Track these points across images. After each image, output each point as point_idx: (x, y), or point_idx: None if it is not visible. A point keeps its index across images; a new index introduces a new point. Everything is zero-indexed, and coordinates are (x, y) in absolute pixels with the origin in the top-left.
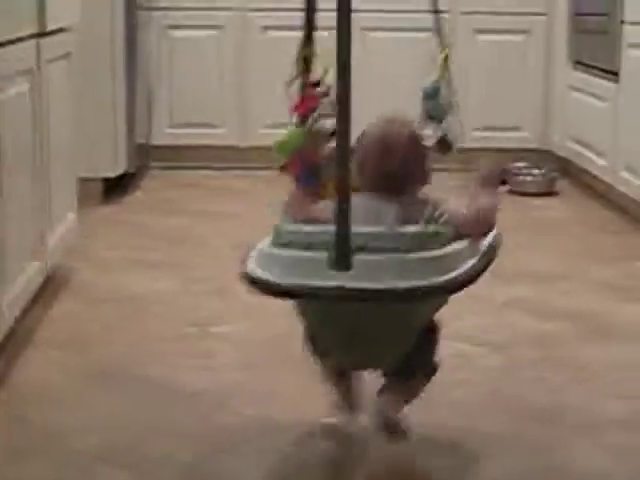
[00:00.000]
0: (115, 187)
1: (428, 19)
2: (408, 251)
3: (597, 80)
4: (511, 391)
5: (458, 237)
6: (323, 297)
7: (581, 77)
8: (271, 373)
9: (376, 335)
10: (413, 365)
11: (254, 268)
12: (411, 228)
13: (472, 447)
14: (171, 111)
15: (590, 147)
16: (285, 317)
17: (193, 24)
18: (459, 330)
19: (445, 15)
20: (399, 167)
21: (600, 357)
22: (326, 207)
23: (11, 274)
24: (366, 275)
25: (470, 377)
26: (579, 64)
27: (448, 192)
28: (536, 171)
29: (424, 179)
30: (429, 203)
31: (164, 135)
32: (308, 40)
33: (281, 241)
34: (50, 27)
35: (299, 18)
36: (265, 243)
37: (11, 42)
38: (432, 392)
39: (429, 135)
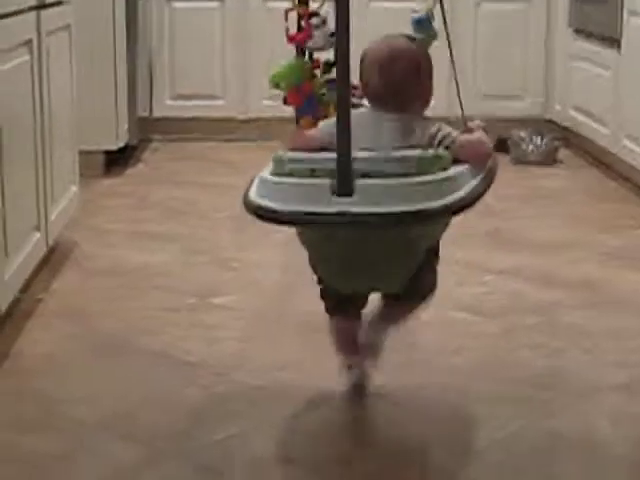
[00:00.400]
0: (117, 160)
1: None
2: (410, 175)
3: (598, 48)
4: (509, 358)
5: (456, 161)
6: (326, 223)
7: (582, 45)
8: (272, 344)
9: (381, 259)
10: (416, 287)
11: (257, 197)
12: (412, 152)
13: (470, 412)
14: (172, 83)
15: (592, 116)
16: (286, 289)
17: None
18: (458, 298)
19: None
20: (402, 77)
21: (600, 324)
22: (318, 131)
23: (13, 246)
24: (369, 200)
25: (468, 344)
26: (580, 32)
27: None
28: (538, 140)
29: (427, 97)
30: (432, 122)
31: (165, 107)
32: None
33: (282, 170)
34: None
35: None
36: (266, 172)
37: (11, 14)
38: (430, 359)
39: None
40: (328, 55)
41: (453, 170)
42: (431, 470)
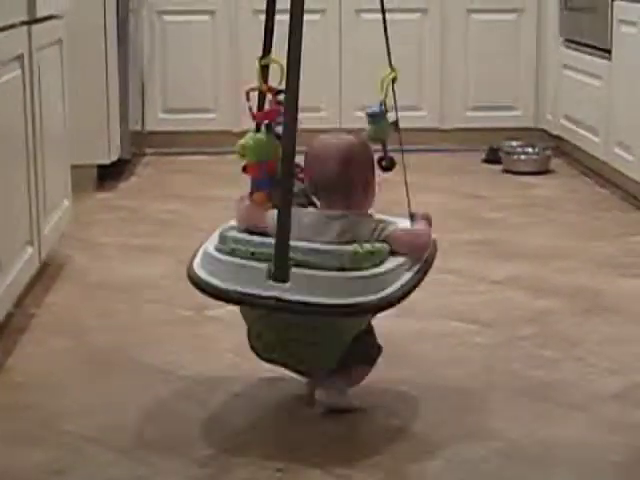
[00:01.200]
0: (110, 174)
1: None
2: (344, 269)
3: (589, 57)
4: (504, 368)
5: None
6: (260, 306)
7: (573, 55)
8: None
9: (311, 342)
10: (351, 361)
11: (200, 269)
12: (347, 247)
13: (465, 422)
14: (164, 97)
15: (583, 125)
16: None
17: (185, 9)
18: (453, 308)
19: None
20: (335, 175)
21: (595, 333)
22: (270, 218)
23: (6, 261)
24: (302, 289)
25: (463, 354)
26: (571, 42)
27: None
28: (530, 150)
29: (371, 193)
30: (371, 221)
31: (158, 121)
32: (267, 48)
33: (225, 248)
34: (40, 14)
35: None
36: (211, 245)
37: (1, 29)
38: (424, 370)
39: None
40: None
41: (386, 265)
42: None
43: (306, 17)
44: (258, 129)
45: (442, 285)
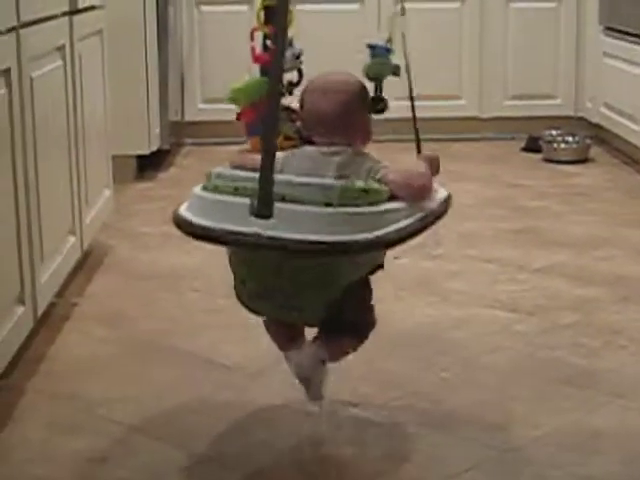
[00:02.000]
0: (149, 164)
1: None
2: (332, 205)
3: (629, 45)
4: (545, 355)
5: (395, 197)
6: (240, 243)
7: (613, 43)
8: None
9: (295, 287)
10: (341, 323)
11: (183, 210)
12: (336, 182)
13: (507, 410)
14: (203, 87)
15: (623, 113)
16: None
17: (223, 0)
18: (494, 297)
19: None
20: (341, 109)
21: (637, 321)
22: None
23: (49, 250)
24: (286, 225)
25: (504, 342)
26: (611, 30)
27: None
28: (570, 138)
29: (365, 133)
30: (369, 160)
31: (197, 111)
32: None
33: (209, 185)
34: (82, 4)
35: None
36: (198, 187)
37: (44, 20)
38: (465, 357)
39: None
40: (292, 77)
41: (380, 206)
42: (468, 467)
43: (345, 7)
44: (262, 72)
45: (483, 274)
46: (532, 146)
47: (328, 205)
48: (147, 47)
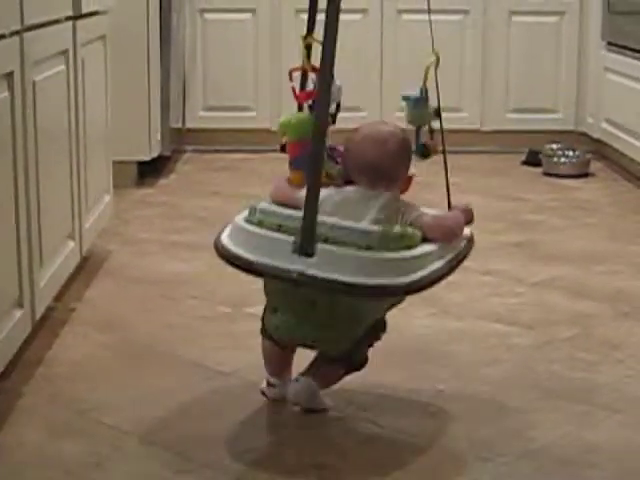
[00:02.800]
0: (150, 170)
1: (460, 1)
2: (372, 248)
3: (631, 61)
4: (541, 369)
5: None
6: (283, 279)
7: (615, 58)
8: (304, 353)
9: (330, 319)
10: (354, 355)
11: (226, 239)
12: (377, 227)
13: (503, 423)
14: (205, 95)
15: (624, 128)
16: None
17: (226, 7)
18: (492, 310)
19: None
20: (389, 160)
21: (635, 336)
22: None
23: (48, 254)
24: (328, 265)
25: (501, 355)
26: (613, 45)
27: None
28: (570, 153)
29: (406, 182)
30: (405, 204)
31: (198, 118)
32: (311, 27)
33: (253, 219)
34: (85, 10)
35: None
36: (240, 217)
37: (47, 24)
38: (462, 370)
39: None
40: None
41: (416, 250)
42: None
43: (347, 17)
44: (300, 109)
45: (481, 286)
46: (532, 160)
47: (368, 248)
48: (150, 53)
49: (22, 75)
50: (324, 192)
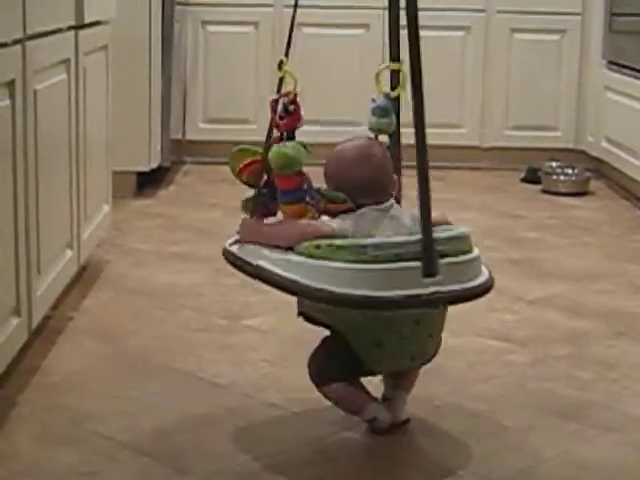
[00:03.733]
0: (149, 181)
1: (465, 18)
2: (466, 252)
3: (631, 80)
4: (536, 386)
5: None
6: (422, 304)
7: (616, 77)
8: (302, 367)
9: (431, 331)
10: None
11: (347, 288)
12: (464, 229)
13: (498, 440)
14: (205, 107)
15: (624, 147)
16: None
17: (228, 20)
18: (488, 326)
19: (481, 14)
20: (383, 173)
21: (631, 355)
22: (334, 223)
23: (46, 263)
24: (453, 278)
25: (496, 372)
26: (614, 64)
27: None
28: (570, 171)
29: (395, 187)
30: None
31: (198, 130)
32: (286, 57)
33: (366, 258)
34: (88, 19)
35: (333, 15)
36: (339, 262)
37: (50, 33)
38: (457, 386)
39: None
40: None
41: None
42: None
43: (349, 32)
44: (282, 138)
45: (478, 303)
46: (531, 177)
47: (467, 252)
48: (151, 64)
49: (24, 83)
50: (349, 222)
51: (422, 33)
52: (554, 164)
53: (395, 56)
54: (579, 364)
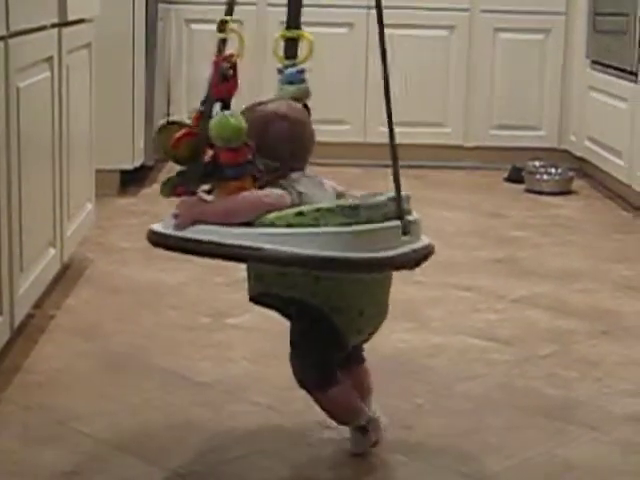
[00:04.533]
0: (133, 179)
1: (449, 16)
2: (408, 214)
3: (615, 80)
4: (520, 385)
5: None
6: (411, 262)
7: (599, 77)
8: (285, 365)
9: (387, 297)
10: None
11: (350, 252)
12: (404, 194)
13: (481, 439)
14: (189, 105)
15: (607, 147)
16: None
17: (213, 18)
18: (472, 325)
19: (465, 13)
20: (312, 137)
21: (614, 354)
22: (286, 194)
23: (28, 261)
24: (415, 237)
25: (480, 371)
26: (597, 64)
27: None
28: (553, 170)
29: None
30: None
31: None
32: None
33: (360, 219)
34: (71, 17)
35: (320, 14)
36: (335, 227)
37: (33, 30)
38: (441, 385)
39: None
40: None
41: None
42: None
43: (334, 30)
44: (225, 106)
45: (461, 302)
46: (515, 177)
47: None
48: (135, 62)
49: (6, 81)
50: (292, 190)
51: (406, 32)
52: (537, 163)
53: (293, 25)
54: (563, 363)
